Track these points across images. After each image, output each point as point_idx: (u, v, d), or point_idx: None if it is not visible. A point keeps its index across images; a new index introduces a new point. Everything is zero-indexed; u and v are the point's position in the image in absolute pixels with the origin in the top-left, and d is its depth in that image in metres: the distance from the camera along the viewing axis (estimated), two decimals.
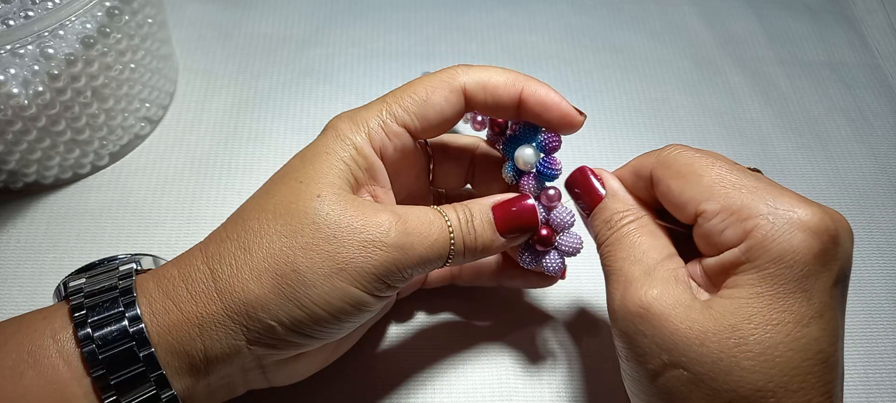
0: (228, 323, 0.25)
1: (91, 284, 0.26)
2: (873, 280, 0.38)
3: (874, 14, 0.53)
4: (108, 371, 0.24)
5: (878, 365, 0.35)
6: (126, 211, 0.39)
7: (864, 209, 0.41)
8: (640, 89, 0.47)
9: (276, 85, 0.46)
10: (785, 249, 0.23)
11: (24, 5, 0.37)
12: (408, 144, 0.29)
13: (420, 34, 0.49)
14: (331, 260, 0.25)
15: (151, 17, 0.40)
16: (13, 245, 0.38)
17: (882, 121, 0.46)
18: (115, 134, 0.40)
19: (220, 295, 0.25)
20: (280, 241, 0.25)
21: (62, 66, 0.35)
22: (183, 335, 0.25)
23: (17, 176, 0.38)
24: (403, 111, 0.28)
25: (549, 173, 0.30)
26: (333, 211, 0.26)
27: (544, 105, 0.28)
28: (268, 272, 0.25)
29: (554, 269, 0.30)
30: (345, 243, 0.25)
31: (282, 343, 0.26)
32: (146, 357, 0.24)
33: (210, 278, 0.25)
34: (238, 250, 0.25)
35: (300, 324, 0.25)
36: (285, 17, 0.50)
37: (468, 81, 0.28)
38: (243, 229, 0.26)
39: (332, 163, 0.27)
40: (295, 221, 0.25)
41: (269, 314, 0.25)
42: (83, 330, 0.24)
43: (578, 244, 0.30)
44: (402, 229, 0.26)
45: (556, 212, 0.30)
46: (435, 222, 0.27)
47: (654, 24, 0.51)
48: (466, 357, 0.35)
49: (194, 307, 0.25)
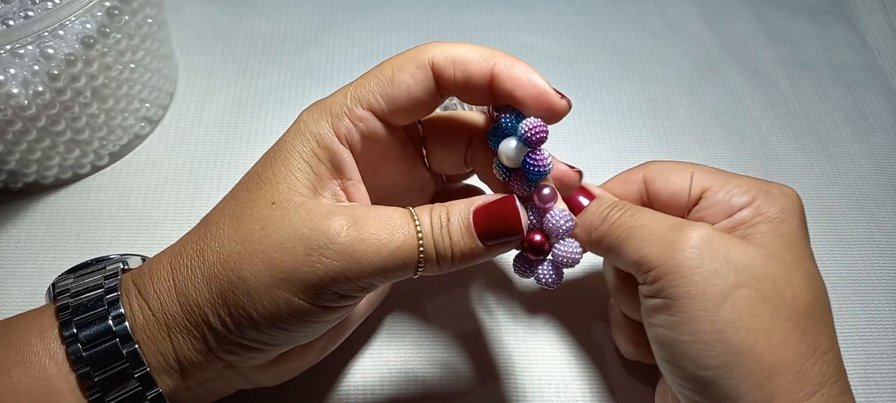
0: (189, 327, 0.25)
1: (78, 284, 0.26)
2: (873, 280, 0.38)
3: (874, 14, 0.53)
4: (92, 368, 0.24)
5: (878, 365, 0.35)
6: (126, 211, 0.39)
7: (864, 209, 0.41)
8: (640, 89, 0.47)
9: (275, 85, 0.46)
10: (783, 207, 0.28)
11: (24, 5, 0.37)
12: (377, 130, 0.26)
13: (420, 34, 0.49)
14: (274, 269, 0.23)
15: (151, 16, 0.40)
16: (13, 245, 0.38)
17: (882, 121, 0.46)
18: (114, 134, 0.40)
19: (178, 297, 0.25)
20: (230, 247, 0.25)
21: (62, 66, 0.35)
22: (155, 334, 0.25)
23: (17, 176, 0.38)
24: (368, 92, 0.26)
25: (536, 170, 0.25)
26: (285, 218, 0.24)
27: (517, 82, 0.25)
28: (216, 278, 0.25)
29: (545, 281, 0.26)
30: (290, 251, 0.23)
31: (240, 348, 0.25)
32: (129, 354, 0.24)
33: (171, 279, 0.26)
34: (195, 254, 0.25)
35: (247, 333, 0.24)
36: (285, 17, 0.50)
37: (437, 55, 0.25)
38: (203, 233, 0.26)
39: (290, 162, 0.25)
40: (246, 227, 0.25)
41: (219, 320, 0.25)
42: (69, 329, 0.24)
43: (577, 254, 0.26)
44: (354, 235, 0.23)
45: (551, 216, 0.26)
46: (400, 227, 0.24)
47: (654, 24, 0.51)
48: (456, 349, 0.35)
49: (160, 307, 0.25)
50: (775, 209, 0.28)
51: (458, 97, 0.26)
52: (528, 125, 0.25)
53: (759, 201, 0.28)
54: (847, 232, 0.40)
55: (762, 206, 0.28)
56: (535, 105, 0.25)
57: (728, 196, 0.29)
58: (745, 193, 0.28)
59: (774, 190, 0.29)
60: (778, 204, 0.28)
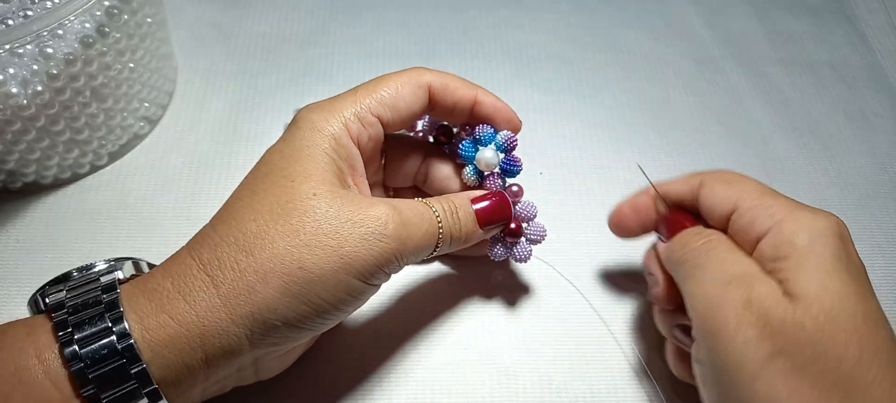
0: (233, 329, 0.25)
1: (73, 298, 0.25)
2: (873, 280, 0.37)
3: (875, 14, 0.52)
4: (98, 389, 0.23)
5: None
6: (125, 211, 0.39)
7: (864, 209, 0.41)
8: (641, 89, 0.47)
9: (275, 85, 0.46)
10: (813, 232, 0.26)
11: (23, 5, 0.37)
12: (380, 135, 0.30)
13: (420, 34, 0.49)
14: (335, 255, 0.25)
15: (151, 16, 0.40)
16: (12, 245, 0.38)
17: (883, 120, 0.46)
18: (114, 133, 0.40)
19: (224, 302, 0.25)
20: (283, 241, 0.25)
21: (61, 66, 0.35)
22: (183, 347, 0.24)
23: (15, 175, 0.38)
24: (378, 102, 0.29)
25: (513, 170, 0.33)
26: (332, 208, 0.26)
27: (495, 107, 0.32)
28: (274, 273, 0.25)
29: (523, 257, 0.33)
30: (347, 238, 0.26)
31: (284, 340, 0.26)
32: (138, 374, 0.23)
33: (211, 285, 0.25)
34: (239, 253, 0.25)
35: (306, 320, 0.26)
36: (285, 16, 0.50)
37: (433, 80, 0.31)
38: (240, 232, 0.26)
39: (316, 157, 0.27)
40: (295, 220, 0.26)
41: (276, 315, 0.25)
42: (69, 348, 0.23)
43: (543, 232, 0.33)
44: (399, 221, 0.27)
45: (520, 206, 0.33)
46: (425, 214, 0.29)
47: (654, 24, 0.51)
48: (456, 349, 0.34)
49: (195, 318, 0.24)
50: (803, 236, 0.26)
51: (441, 116, 0.33)
52: (506, 136, 0.32)
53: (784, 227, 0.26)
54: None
55: (787, 232, 0.26)
56: (506, 124, 0.32)
57: (751, 219, 0.27)
58: (769, 217, 0.27)
59: (804, 214, 0.26)
60: (805, 229, 0.26)
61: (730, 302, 0.25)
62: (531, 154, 0.43)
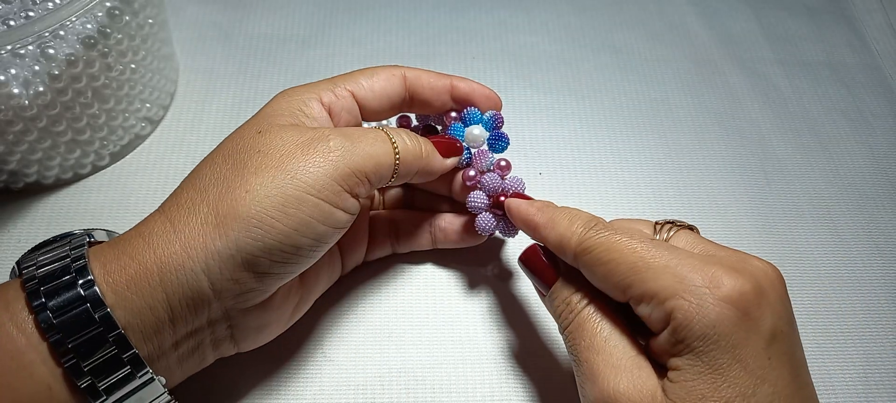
0: (188, 263, 0.25)
1: (43, 258, 0.26)
2: (873, 280, 0.38)
3: (873, 14, 0.53)
4: (64, 334, 0.24)
5: (878, 365, 0.35)
6: (126, 212, 0.39)
7: (863, 209, 0.42)
8: (640, 89, 0.47)
9: (276, 85, 0.46)
10: (706, 325, 0.23)
11: (25, 6, 0.37)
12: (353, 109, 0.31)
13: (420, 34, 0.49)
14: (281, 172, 0.26)
15: (152, 17, 0.40)
16: (14, 245, 0.38)
17: (881, 121, 0.46)
18: (115, 134, 0.40)
19: (178, 236, 0.26)
20: (231, 174, 0.26)
21: (63, 67, 0.35)
22: (143, 286, 0.25)
23: (17, 176, 0.38)
24: (351, 81, 0.31)
25: (501, 144, 0.34)
26: (277, 137, 0.27)
27: (472, 88, 0.34)
28: (223, 201, 0.26)
29: (511, 231, 0.34)
30: (291, 155, 0.27)
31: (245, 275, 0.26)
32: (102, 318, 0.24)
33: (168, 224, 0.26)
34: (194, 193, 0.27)
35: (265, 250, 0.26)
36: (286, 17, 0.50)
37: (407, 72, 0.33)
38: (197, 177, 0.27)
39: (275, 108, 0.29)
40: (242, 155, 0.27)
41: (227, 241, 0.25)
42: (37, 300, 0.24)
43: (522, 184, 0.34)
44: (342, 132, 0.28)
45: (508, 181, 0.34)
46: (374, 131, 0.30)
47: (653, 25, 0.51)
48: (457, 349, 0.35)
49: (152, 255, 0.25)
50: (696, 330, 0.23)
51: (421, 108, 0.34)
52: (492, 114, 0.34)
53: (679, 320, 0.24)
54: (846, 231, 0.40)
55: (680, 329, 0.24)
56: (486, 101, 0.34)
57: (645, 311, 0.25)
58: (663, 307, 0.24)
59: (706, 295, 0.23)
60: (701, 321, 0.23)
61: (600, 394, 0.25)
62: (530, 154, 0.43)
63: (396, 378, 0.34)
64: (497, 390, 0.33)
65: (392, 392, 0.33)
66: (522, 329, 0.36)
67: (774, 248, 0.39)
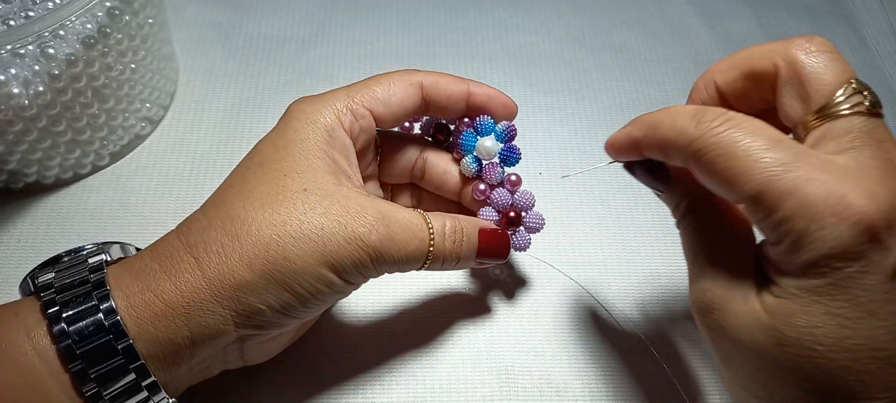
0: (217, 309, 0.25)
1: (61, 278, 0.26)
2: None
3: (873, 14, 0.53)
4: (86, 364, 0.24)
5: None
6: (126, 211, 0.39)
7: None
8: (640, 89, 0.47)
9: (276, 85, 0.46)
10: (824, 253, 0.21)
11: (25, 5, 0.37)
12: (372, 128, 0.30)
13: (420, 34, 0.49)
14: (318, 252, 0.26)
15: (152, 17, 0.40)
16: (14, 245, 0.38)
17: None
18: (115, 134, 0.40)
19: (208, 283, 0.25)
20: (270, 230, 0.26)
21: (63, 67, 0.35)
22: (168, 325, 0.25)
23: (17, 176, 0.38)
24: (369, 96, 0.30)
25: (513, 158, 0.33)
26: (321, 205, 0.27)
27: (489, 96, 0.32)
28: (258, 259, 0.26)
29: (522, 245, 0.33)
30: (331, 236, 0.26)
31: (267, 324, 0.27)
32: (125, 349, 0.24)
33: (196, 267, 0.26)
34: (225, 237, 0.26)
35: (288, 307, 0.26)
36: (286, 17, 0.50)
37: (424, 78, 0.31)
38: (228, 217, 0.26)
39: (309, 151, 0.28)
40: (284, 212, 0.26)
41: (259, 298, 0.26)
42: (58, 326, 0.24)
43: (541, 221, 0.34)
44: (385, 233, 0.27)
45: (520, 194, 0.33)
46: (418, 232, 0.29)
47: (653, 25, 0.51)
48: (457, 349, 0.35)
49: (180, 298, 0.25)
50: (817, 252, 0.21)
51: (436, 113, 0.33)
52: (505, 126, 0.33)
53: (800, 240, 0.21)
54: None
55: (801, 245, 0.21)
56: (503, 109, 0.33)
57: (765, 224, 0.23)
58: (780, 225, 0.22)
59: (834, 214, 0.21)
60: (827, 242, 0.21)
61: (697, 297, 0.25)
62: (530, 154, 0.43)
63: (396, 378, 0.34)
64: (497, 390, 0.33)
65: (392, 392, 0.33)
66: (523, 329, 0.36)
67: None
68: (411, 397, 0.33)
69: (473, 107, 0.33)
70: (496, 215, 0.33)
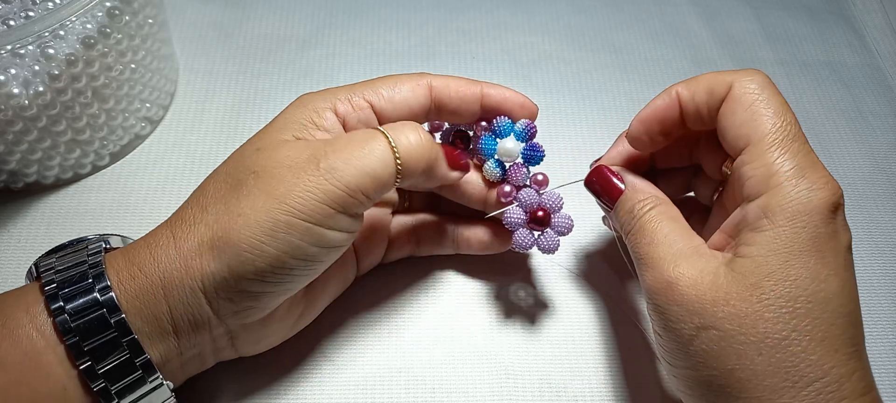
0: (187, 281, 0.26)
1: (61, 263, 0.27)
2: (873, 280, 0.38)
3: (873, 14, 0.53)
4: (80, 337, 0.25)
5: (878, 365, 0.35)
6: (126, 212, 0.39)
7: (863, 209, 0.42)
8: (640, 89, 0.47)
9: (276, 85, 0.46)
10: (798, 211, 0.25)
11: (25, 6, 0.37)
12: (371, 121, 0.30)
13: (420, 35, 0.49)
14: (269, 197, 0.26)
15: (152, 17, 0.40)
16: (13, 245, 0.38)
17: (881, 121, 0.46)
18: (115, 134, 0.40)
19: (178, 252, 0.26)
20: (229, 195, 0.27)
21: (63, 67, 0.35)
22: (149, 297, 0.26)
23: (17, 176, 0.38)
24: (373, 91, 0.30)
25: (537, 157, 0.32)
26: (270, 157, 0.27)
27: (504, 96, 0.32)
28: (219, 222, 0.26)
29: (551, 247, 0.32)
30: (280, 179, 0.26)
31: (240, 295, 0.26)
32: (117, 323, 0.25)
33: (171, 239, 0.27)
34: (196, 210, 0.27)
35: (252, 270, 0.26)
36: (286, 17, 0.50)
37: (434, 80, 0.31)
38: (201, 193, 0.28)
39: (287, 118, 0.29)
40: (241, 174, 0.27)
41: (220, 263, 0.26)
42: (55, 303, 0.25)
43: (570, 223, 0.33)
44: (333, 148, 0.27)
45: (546, 197, 0.32)
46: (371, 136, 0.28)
47: (653, 24, 0.51)
48: (457, 350, 0.35)
49: (156, 268, 0.26)
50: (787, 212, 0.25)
51: (450, 117, 0.32)
52: (524, 124, 0.32)
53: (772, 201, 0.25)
54: None
55: (774, 205, 0.25)
56: (521, 110, 0.32)
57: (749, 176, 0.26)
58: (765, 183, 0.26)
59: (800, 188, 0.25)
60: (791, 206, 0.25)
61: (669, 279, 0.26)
62: None
63: (396, 378, 0.34)
64: (497, 390, 0.33)
65: (392, 392, 0.33)
66: (523, 329, 0.36)
67: None
68: (411, 397, 0.33)
69: (489, 109, 0.32)
70: (523, 214, 0.32)
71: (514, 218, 0.32)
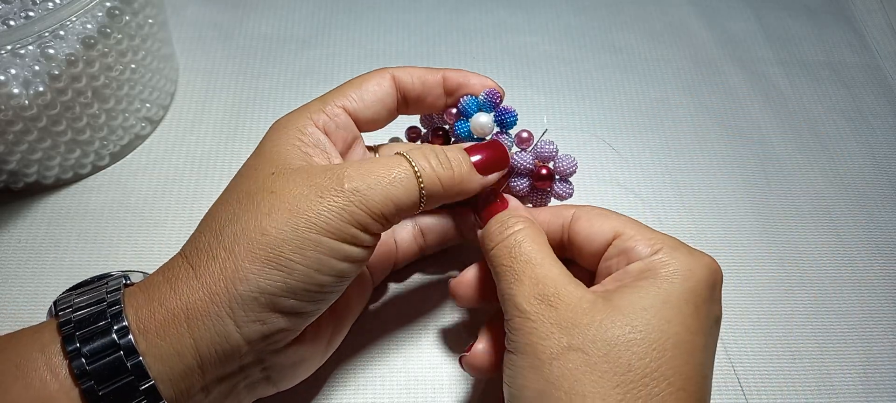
0: (213, 309, 0.25)
1: (80, 299, 0.26)
2: (873, 280, 0.38)
3: (873, 14, 0.53)
4: (96, 382, 0.24)
5: (878, 365, 0.35)
6: (127, 212, 0.39)
7: (863, 209, 0.42)
8: (640, 89, 0.47)
9: (276, 85, 0.46)
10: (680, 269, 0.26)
11: (25, 6, 0.37)
12: (349, 126, 0.31)
13: (420, 34, 0.49)
14: (295, 215, 0.26)
15: (152, 17, 0.40)
16: (14, 245, 0.38)
17: (881, 121, 0.46)
18: (115, 134, 0.40)
19: (200, 282, 0.25)
20: (246, 216, 0.26)
21: (63, 67, 0.35)
22: (172, 333, 0.25)
23: (17, 176, 0.38)
24: (340, 95, 0.31)
25: (510, 119, 0.32)
26: (290, 179, 0.27)
27: (465, 76, 0.33)
28: (239, 245, 0.25)
29: (566, 193, 0.33)
30: (303, 198, 0.26)
31: (270, 318, 0.26)
32: (134, 367, 0.24)
33: (190, 270, 0.26)
34: (211, 237, 0.26)
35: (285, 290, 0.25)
36: (286, 17, 0.50)
37: (396, 71, 0.32)
38: (213, 220, 0.27)
39: (280, 145, 0.29)
40: (256, 197, 0.27)
41: (249, 284, 0.25)
42: (72, 344, 0.24)
43: (573, 163, 0.33)
44: (358, 171, 0.27)
45: (539, 148, 0.32)
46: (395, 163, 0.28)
47: (653, 25, 0.51)
48: (457, 349, 0.35)
49: (178, 301, 0.25)
50: (670, 268, 0.26)
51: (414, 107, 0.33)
52: (487, 92, 0.32)
53: (659, 256, 0.27)
54: (846, 231, 0.40)
55: (658, 262, 0.27)
56: (481, 85, 0.33)
57: (632, 244, 0.28)
58: (650, 246, 0.27)
59: (682, 252, 0.27)
60: (676, 264, 0.26)
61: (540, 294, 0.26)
62: None
63: (396, 378, 0.34)
64: (497, 390, 0.33)
65: (392, 392, 0.33)
66: None
67: (774, 248, 0.39)
68: (411, 397, 0.33)
69: (452, 91, 0.33)
70: (525, 180, 0.32)
71: (521, 187, 0.32)
